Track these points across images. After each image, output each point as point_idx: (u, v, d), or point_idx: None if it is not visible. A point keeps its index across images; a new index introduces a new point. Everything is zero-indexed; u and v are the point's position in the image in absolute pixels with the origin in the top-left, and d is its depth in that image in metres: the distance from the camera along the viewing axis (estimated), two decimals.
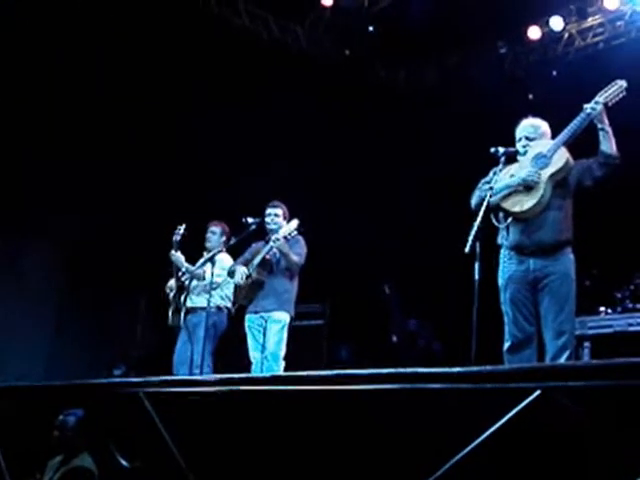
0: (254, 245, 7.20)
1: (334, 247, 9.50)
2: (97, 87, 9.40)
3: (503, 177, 5.18)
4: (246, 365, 6.95)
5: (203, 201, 9.41)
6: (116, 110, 9.61)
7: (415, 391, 3.40)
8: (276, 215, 7.08)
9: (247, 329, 6.97)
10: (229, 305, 7.44)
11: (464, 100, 11.06)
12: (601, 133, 5.01)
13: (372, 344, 10.08)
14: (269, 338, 6.82)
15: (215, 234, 7.59)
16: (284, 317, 6.87)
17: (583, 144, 5.17)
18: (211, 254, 7.31)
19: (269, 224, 7.06)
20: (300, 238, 7.05)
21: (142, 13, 9.31)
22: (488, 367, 3.20)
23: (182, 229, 7.55)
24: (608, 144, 4.99)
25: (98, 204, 9.37)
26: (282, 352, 6.82)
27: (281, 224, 7.03)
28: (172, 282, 7.62)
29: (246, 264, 7.00)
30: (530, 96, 10.55)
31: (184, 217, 7.97)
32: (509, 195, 5.13)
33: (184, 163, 9.93)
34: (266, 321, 6.87)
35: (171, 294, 7.58)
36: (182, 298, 7.45)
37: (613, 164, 5.00)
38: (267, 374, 6.31)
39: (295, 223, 6.90)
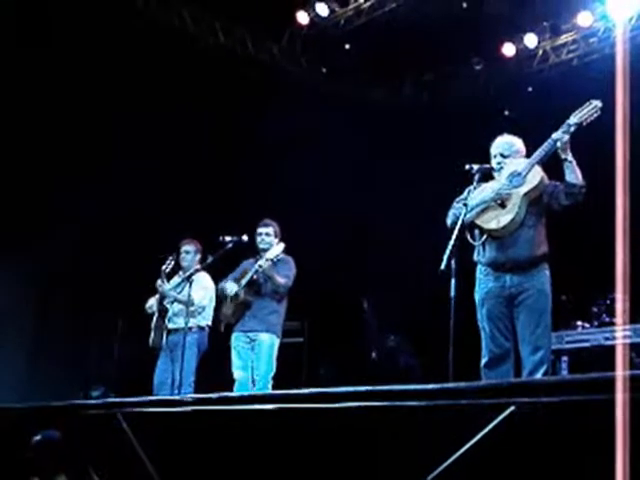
0: (244, 263, 7.16)
1: (312, 264, 9.49)
2: (76, 106, 9.37)
3: (478, 194, 5.21)
4: (229, 383, 6.92)
5: (178, 220, 9.38)
6: (89, 132, 9.59)
7: (391, 408, 3.41)
8: (267, 234, 7.06)
9: (232, 347, 6.95)
10: (210, 324, 7.43)
11: (440, 117, 11.15)
12: (565, 164, 5.05)
13: (351, 361, 10.07)
14: (258, 360, 6.83)
15: (189, 253, 7.56)
16: (271, 339, 6.88)
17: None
18: (188, 274, 7.27)
19: (260, 243, 7.04)
20: (290, 260, 7.05)
21: (117, 29, 9.32)
22: (462, 383, 3.21)
23: (171, 259, 7.51)
24: (573, 174, 5.03)
25: (73, 224, 9.31)
26: (272, 373, 6.84)
27: (272, 243, 7.01)
28: (152, 301, 7.58)
29: (236, 282, 7.00)
30: (505, 112, 10.65)
31: (161, 237, 7.96)
32: (484, 211, 5.16)
33: (158, 182, 9.90)
34: (254, 341, 6.87)
35: (153, 315, 7.54)
36: (164, 319, 7.42)
37: (580, 192, 5.05)
38: (244, 393, 6.29)
39: (281, 247, 6.90)
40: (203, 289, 7.39)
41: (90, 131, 9.63)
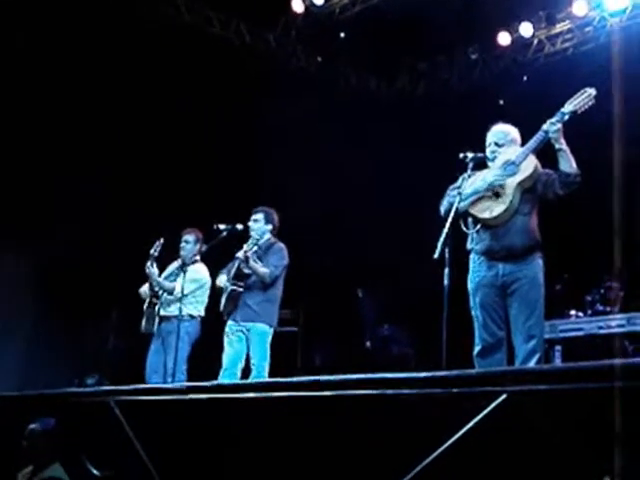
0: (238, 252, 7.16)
1: (307, 253, 9.51)
2: (63, 97, 9.34)
3: (472, 183, 5.21)
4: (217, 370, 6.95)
5: (176, 210, 9.39)
6: (85, 123, 9.57)
7: (383, 397, 3.41)
8: (255, 221, 7.05)
9: (225, 335, 6.96)
10: (202, 313, 7.44)
11: (435, 105, 11.15)
12: (558, 153, 5.05)
13: (346, 350, 10.10)
14: (253, 350, 6.84)
15: (189, 243, 7.54)
16: (264, 327, 6.88)
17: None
18: (182, 265, 7.30)
19: (252, 230, 7.03)
20: (281, 248, 7.03)
21: (112, 22, 9.29)
22: (454, 372, 3.22)
23: (159, 244, 7.50)
24: (567, 163, 5.03)
25: (68, 215, 9.30)
26: (267, 362, 6.85)
27: (263, 229, 7.01)
28: (146, 287, 7.60)
29: (227, 273, 7.01)
30: (500, 101, 10.64)
31: (156, 226, 7.96)
32: (478, 201, 5.17)
33: (155, 172, 9.90)
34: (248, 331, 6.87)
35: (145, 299, 7.56)
36: (156, 306, 7.44)
37: (575, 181, 5.04)
38: (237, 381, 6.31)
39: (256, 237, 6.86)
40: (193, 281, 7.39)
41: (88, 122, 9.60)
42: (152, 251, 7.48)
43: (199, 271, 7.47)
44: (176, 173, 10.05)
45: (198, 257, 7.45)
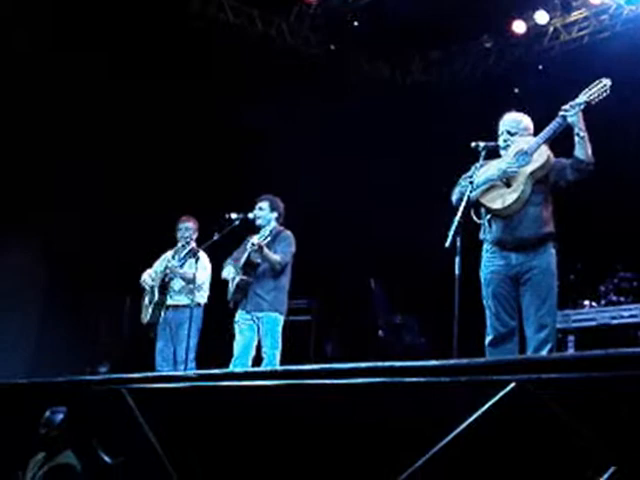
0: (246, 239, 7.14)
1: (321, 243, 9.51)
2: (67, 86, 9.36)
3: (484, 172, 5.18)
4: (227, 360, 6.96)
5: (184, 197, 9.41)
6: (95, 109, 9.58)
7: (393, 384, 3.41)
8: (260, 209, 7.05)
9: (235, 324, 6.97)
10: (206, 300, 7.49)
11: (449, 94, 11.10)
12: (576, 138, 5.00)
13: (358, 339, 10.09)
14: (264, 338, 6.86)
15: (189, 230, 7.60)
16: (275, 316, 6.89)
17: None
18: (192, 251, 7.33)
19: (257, 219, 7.04)
20: (289, 235, 7.03)
21: (125, 12, 9.28)
22: (464, 360, 3.22)
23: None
24: (583, 150, 4.99)
25: (80, 202, 9.34)
26: (278, 350, 6.86)
27: (269, 218, 7.01)
28: (147, 277, 7.61)
29: (236, 262, 7.01)
30: (515, 90, 10.58)
31: (168, 214, 7.98)
32: (489, 190, 5.14)
33: (166, 160, 9.91)
34: (259, 319, 6.88)
35: (149, 289, 7.56)
36: (165, 295, 7.46)
37: (586, 169, 5.01)
38: (248, 369, 6.33)
39: (269, 228, 6.88)
40: (204, 268, 7.47)
41: (93, 111, 9.62)
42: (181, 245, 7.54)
43: (206, 258, 7.51)
44: (185, 163, 10.05)
45: (194, 245, 7.51)
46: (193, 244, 7.52)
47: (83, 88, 9.39)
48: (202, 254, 7.46)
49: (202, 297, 7.51)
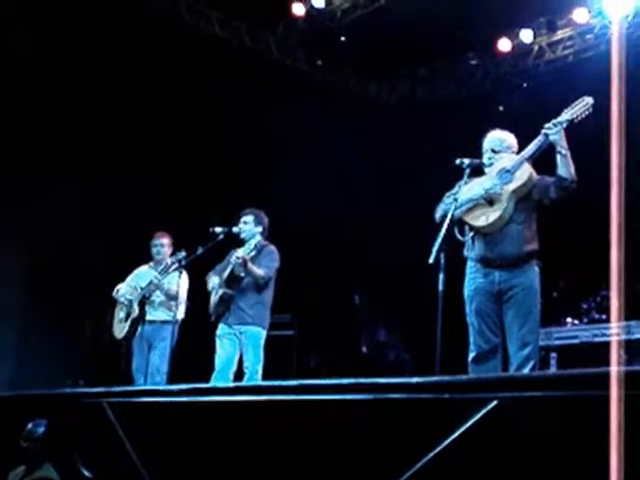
0: (230, 253, 7.11)
1: (304, 257, 9.50)
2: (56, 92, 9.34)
3: (468, 190, 5.20)
4: (200, 375, 6.92)
5: (172, 211, 9.39)
6: (78, 120, 9.57)
7: (376, 401, 3.41)
8: (245, 223, 7.04)
9: (217, 338, 6.94)
10: (183, 316, 7.50)
11: (434, 111, 11.13)
12: (558, 156, 5.03)
13: (342, 355, 10.08)
14: (246, 353, 6.83)
15: (164, 246, 7.61)
16: (258, 330, 6.86)
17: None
18: (170, 266, 7.31)
19: (242, 233, 7.03)
20: (273, 250, 7.01)
21: (108, 20, 9.28)
22: (447, 377, 3.22)
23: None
24: (565, 168, 5.01)
25: (61, 212, 9.28)
26: (260, 365, 6.83)
27: (253, 232, 7.00)
28: (124, 291, 7.57)
29: (219, 275, 6.99)
30: (500, 108, 10.64)
31: (152, 225, 7.95)
32: (472, 208, 5.17)
33: (147, 171, 9.89)
34: (241, 334, 6.86)
35: (128, 303, 7.51)
36: (143, 310, 7.43)
37: (570, 187, 5.04)
38: (231, 384, 6.30)
39: (254, 242, 6.86)
40: (185, 284, 7.47)
41: (85, 114, 9.61)
42: (170, 260, 7.51)
43: (186, 275, 7.49)
44: (174, 173, 10.04)
45: (169, 260, 7.48)
46: (168, 260, 7.47)
47: (73, 94, 9.41)
48: (183, 271, 7.43)
49: (181, 312, 7.48)
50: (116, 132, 9.72)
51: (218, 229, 7.01)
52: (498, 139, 5.36)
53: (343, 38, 10.93)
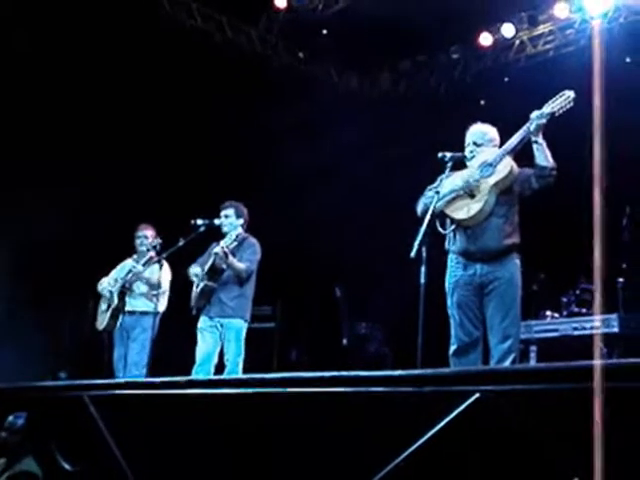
0: (212, 245, 7.10)
1: (284, 249, 9.49)
2: (45, 86, 9.28)
3: (449, 183, 5.22)
4: (180, 368, 6.91)
5: (160, 204, 9.35)
6: (68, 112, 9.51)
7: (357, 394, 3.41)
8: (226, 216, 7.03)
9: (198, 330, 6.94)
10: (165, 308, 7.51)
11: (416, 105, 11.15)
12: (534, 146, 5.08)
13: (323, 347, 10.09)
14: (228, 345, 6.83)
15: (147, 238, 7.60)
16: (239, 323, 6.86)
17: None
18: (152, 258, 7.31)
19: (224, 226, 7.02)
20: (254, 242, 7.02)
21: (94, 13, 9.22)
22: (427, 370, 3.22)
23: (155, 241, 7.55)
24: (542, 156, 5.06)
25: (43, 206, 9.22)
26: (241, 357, 6.83)
27: (235, 224, 6.99)
28: (106, 284, 7.56)
29: (201, 268, 6.98)
30: (481, 102, 10.67)
31: (138, 217, 7.93)
32: (453, 200, 5.19)
33: (131, 165, 9.84)
34: (222, 326, 6.85)
35: (109, 295, 7.51)
36: (122, 301, 7.43)
37: (549, 175, 5.07)
38: (211, 377, 6.30)
39: (235, 234, 6.85)
40: (167, 275, 7.51)
41: (79, 113, 9.57)
42: (145, 248, 7.54)
43: (168, 267, 7.50)
44: (158, 168, 9.99)
45: (153, 252, 7.51)
46: (152, 252, 7.47)
47: (67, 89, 9.36)
48: (164, 262, 7.43)
49: (162, 305, 7.48)
50: (102, 128, 9.66)
51: (199, 221, 7.02)
52: (480, 132, 5.38)
53: (325, 31, 10.90)
